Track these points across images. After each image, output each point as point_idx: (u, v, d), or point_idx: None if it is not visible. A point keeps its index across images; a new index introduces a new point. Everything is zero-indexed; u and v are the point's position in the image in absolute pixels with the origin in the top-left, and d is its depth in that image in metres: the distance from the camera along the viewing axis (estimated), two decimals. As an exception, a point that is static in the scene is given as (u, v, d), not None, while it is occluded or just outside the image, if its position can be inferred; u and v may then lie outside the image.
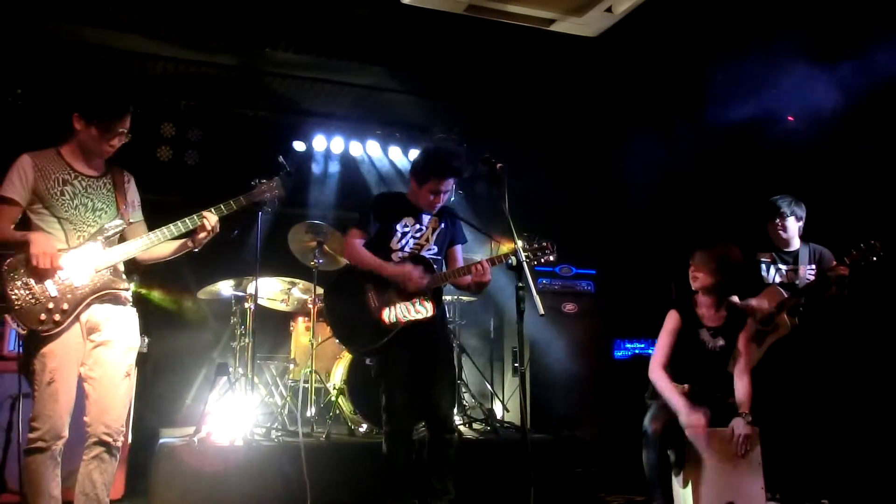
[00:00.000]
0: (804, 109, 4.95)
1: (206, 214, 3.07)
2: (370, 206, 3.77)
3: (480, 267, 3.45)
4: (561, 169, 6.43)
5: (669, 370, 3.61)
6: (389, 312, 3.50)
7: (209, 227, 3.06)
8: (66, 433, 2.86)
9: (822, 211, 4.42)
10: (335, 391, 4.86)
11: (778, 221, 4.25)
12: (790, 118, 5.28)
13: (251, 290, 4.68)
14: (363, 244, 3.60)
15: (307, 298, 5.03)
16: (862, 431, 4.41)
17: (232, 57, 5.38)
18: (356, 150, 6.54)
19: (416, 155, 3.87)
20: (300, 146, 6.28)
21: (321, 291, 4.61)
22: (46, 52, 5.11)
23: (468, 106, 6.18)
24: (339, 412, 4.88)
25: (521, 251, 3.09)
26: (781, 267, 4.27)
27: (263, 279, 4.87)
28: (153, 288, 5.64)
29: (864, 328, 4.55)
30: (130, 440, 4.25)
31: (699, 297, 3.72)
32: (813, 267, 4.20)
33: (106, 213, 3.04)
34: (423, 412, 3.57)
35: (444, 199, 3.64)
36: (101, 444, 2.90)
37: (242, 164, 5.52)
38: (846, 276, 3.92)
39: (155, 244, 3.04)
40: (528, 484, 2.96)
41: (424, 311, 3.51)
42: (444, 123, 6.57)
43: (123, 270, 3.09)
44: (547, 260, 3.49)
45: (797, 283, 4.17)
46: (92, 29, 4.84)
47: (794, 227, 4.26)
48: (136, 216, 3.16)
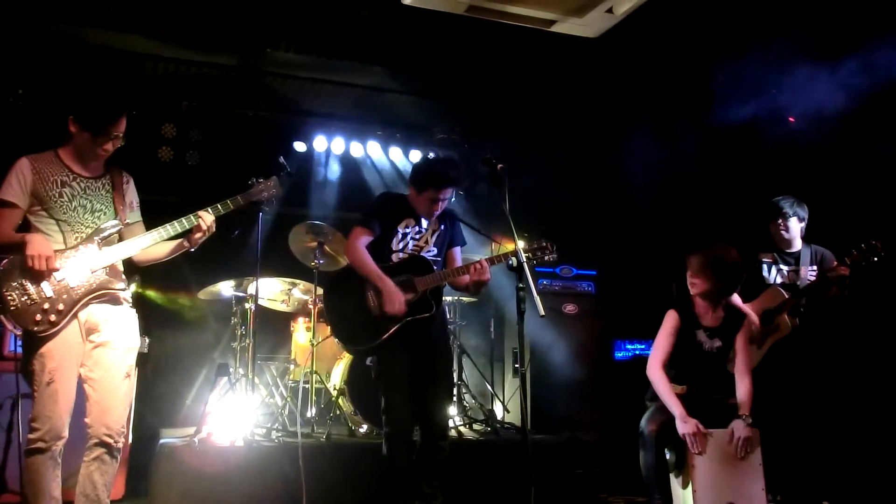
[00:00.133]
0: (806, 110, 4.94)
1: (201, 214, 3.06)
2: (374, 204, 3.77)
3: (479, 266, 3.45)
4: (562, 169, 6.43)
5: (667, 370, 3.60)
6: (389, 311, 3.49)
7: (205, 227, 3.06)
8: (66, 433, 2.86)
9: (823, 211, 4.41)
10: (335, 392, 4.87)
11: (780, 222, 4.25)
12: (791, 119, 5.27)
13: (252, 290, 4.68)
14: (368, 243, 3.60)
15: (308, 299, 5.03)
16: (863, 432, 4.41)
17: (233, 57, 5.38)
18: (357, 150, 6.53)
19: (416, 157, 3.88)
20: (301, 147, 6.28)
21: (321, 291, 4.61)
22: (47, 52, 5.11)
23: (469, 106, 6.18)
24: (339, 413, 4.88)
25: (521, 252, 3.09)
26: (783, 267, 4.26)
27: (264, 280, 4.86)
28: (154, 288, 5.64)
29: (865, 329, 4.54)
30: (131, 441, 4.25)
31: (697, 298, 3.71)
32: (814, 268, 4.19)
33: (105, 214, 3.04)
34: (418, 418, 3.57)
35: (442, 206, 3.64)
36: (101, 445, 2.90)
37: (243, 164, 5.51)
38: (847, 276, 3.91)
39: (150, 244, 3.04)
40: (528, 485, 2.96)
41: (424, 310, 3.50)
42: (445, 124, 6.57)
43: (123, 271, 3.09)
44: (547, 260, 3.49)
45: (798, 283, 4.16)
46: (93, 29, 4.84)
47: (796, 228, 4.25)
48: (134, 217, 3.15)
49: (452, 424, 4.70)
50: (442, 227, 3.73)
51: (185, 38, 5.01)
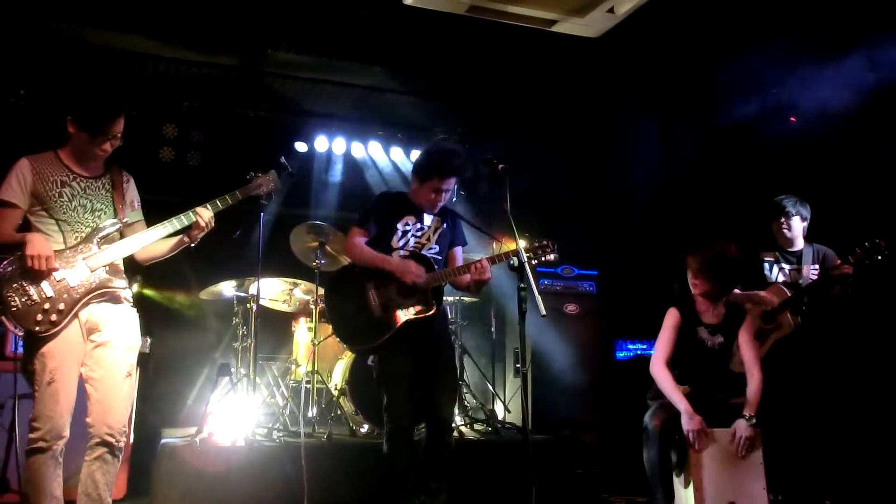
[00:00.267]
0: (807, 108, 4.94)
1: (199, 210, 3.08)
2: (371, 204, 3.78)
3: (480, 265, 3.45)
4: (563, 169, 6.42)
5: (671, 370, 3.59)
6: (389, 310, 3.49)
7: (203, 223, 3.07)
8: (67, 433, 2.86)
9: (827, 209, 4.40)
10: (336, 392, 4.87)
11: (783, 221, 4.24)
12: (792, 119, 5.26)
13: (253, 290, 4.68)
14: (365, 243, 3.60)
15: (309, 299, 5.03)
16: (865, 432, 4.40)
17: (233, 58, 5.38)
18: (358, 150, 6.53)
19: (418, 155, 3.89)
20: (302, 147, 6.28)
21: (322, 291, 4.61)
22: (48, 53, 5.11)
23: (470, 106, 6.18)
24: (340, 413, 4.88)
25: (522, 251, 3.08)
26: (785, 266, 4.26)
27: (265, 280, 4.87)
28: (156, 288, 5.65)
29: (867, 327, 4.53)
30: (132, 440, 4.25)
31: (698, 296, 3.70)
32: (816, 267, 4.18)
33: (104, 213, 3.04)
34: (423, 413, 3.57)
35: (445, 198, 3.64)
36: (103, 444, 2.90)
37: (244, 164, 5.48)
38: (850, 274, 3.90)
39: (149, 242, 3.05)
40: (529, 485, 2.96)
41: (425, 309, 3.50)
42: (446, 124, 6.56)
43: (124, 270, 3.09)
44: (548, 260, 3.49)
45: (800, 282, 4.16)
46: (94, 30, 4.85)
47: (798, 226, 4.25)
48: (134, 216, 3.16)
49: (453, 424, 4.69)
50: (445, 225, 3.73)
51: (185, 38, 5.01)
